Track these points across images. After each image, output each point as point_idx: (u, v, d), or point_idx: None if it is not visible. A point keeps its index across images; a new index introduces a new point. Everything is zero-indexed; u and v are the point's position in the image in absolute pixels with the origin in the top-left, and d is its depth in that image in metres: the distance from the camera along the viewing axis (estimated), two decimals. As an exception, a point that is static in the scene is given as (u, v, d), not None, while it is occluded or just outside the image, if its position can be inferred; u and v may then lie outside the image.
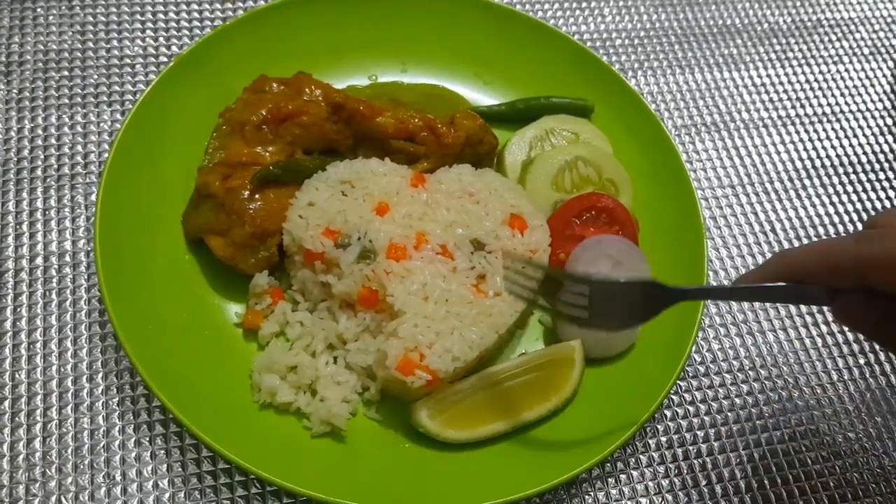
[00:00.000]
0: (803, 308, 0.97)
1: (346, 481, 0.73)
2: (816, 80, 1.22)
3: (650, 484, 0.82)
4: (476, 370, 0.81)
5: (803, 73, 1.22)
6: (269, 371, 0.77)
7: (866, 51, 1.27)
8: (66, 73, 0.99)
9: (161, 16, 1.07)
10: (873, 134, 1.17)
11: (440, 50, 1.04)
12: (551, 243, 0.87)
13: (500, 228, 0.84)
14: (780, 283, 0.60)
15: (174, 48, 1.04)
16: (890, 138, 1.17)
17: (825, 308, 0.66)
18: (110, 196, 0.81)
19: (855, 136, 1.17)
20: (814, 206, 1.08)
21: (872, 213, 1.09)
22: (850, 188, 1.11)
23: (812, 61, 1.24)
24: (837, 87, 1.21)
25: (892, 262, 0.53)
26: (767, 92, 1.19)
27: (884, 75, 1.24)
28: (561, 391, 0.80)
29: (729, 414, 0.88)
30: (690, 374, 0.90)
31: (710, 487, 0.83)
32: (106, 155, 0.84)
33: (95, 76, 1.00)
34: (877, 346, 0.95)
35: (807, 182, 1.11)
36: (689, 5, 1.25)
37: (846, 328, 0.94)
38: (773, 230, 1.05)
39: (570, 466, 0.74)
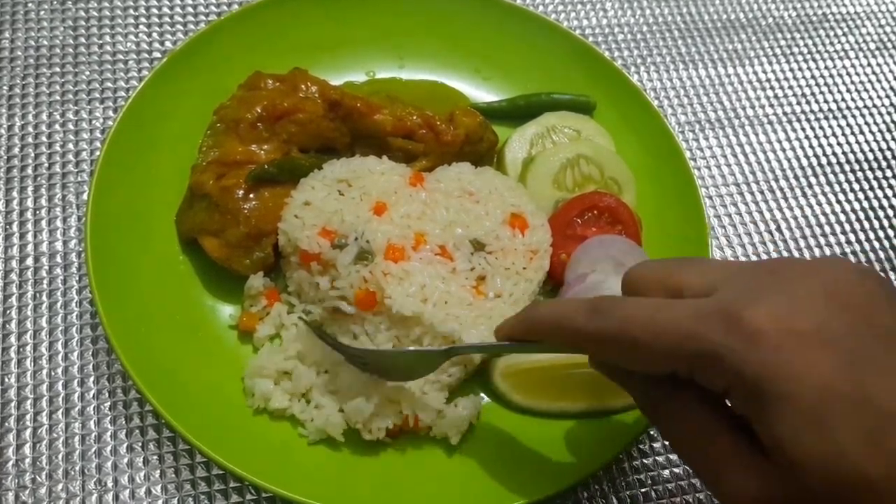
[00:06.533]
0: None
1: (343, 489, 0.71)
2: (822, 75, 1.20)
3: (653, 490, 0.80)
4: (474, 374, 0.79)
5: (808, 68, 1.20)
6: (261, 376, 0.75)
7: (872, 46, 1.25)
8: (57, 69, 0.97)
9: (154, 11, 1.05)
10: (880, 130, 1.16)
11: (439, 46, 1.02)
12: (552, 243, 0.85)
13: (501, 228, 0.82)
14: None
15: (167, 44, 1.02)
16: (897, 135, 1.16)
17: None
18: (102, 195, 0.79)
19: (861, 132, 1.15)
20: (819, 203, 1.07)
21: (879, 210, 1.07)
22: (856, 185, 1.09)
23: (818, 56, 1.22)
24: (843, 83, 1.20)
25: (612, 338, 0.51)
26: (772, 88, 1.17)
27: (890, 71, 1.22)
28: None
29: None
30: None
31: (715, 492, 0.81)
32: (98, 153, 0.82)
33: (87, 72, 0.98)
34: None
35: (812, 180, 1.09)
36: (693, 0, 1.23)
37: None
38: (779, 228, 1.03)
39: (571, 474, 0.72)
